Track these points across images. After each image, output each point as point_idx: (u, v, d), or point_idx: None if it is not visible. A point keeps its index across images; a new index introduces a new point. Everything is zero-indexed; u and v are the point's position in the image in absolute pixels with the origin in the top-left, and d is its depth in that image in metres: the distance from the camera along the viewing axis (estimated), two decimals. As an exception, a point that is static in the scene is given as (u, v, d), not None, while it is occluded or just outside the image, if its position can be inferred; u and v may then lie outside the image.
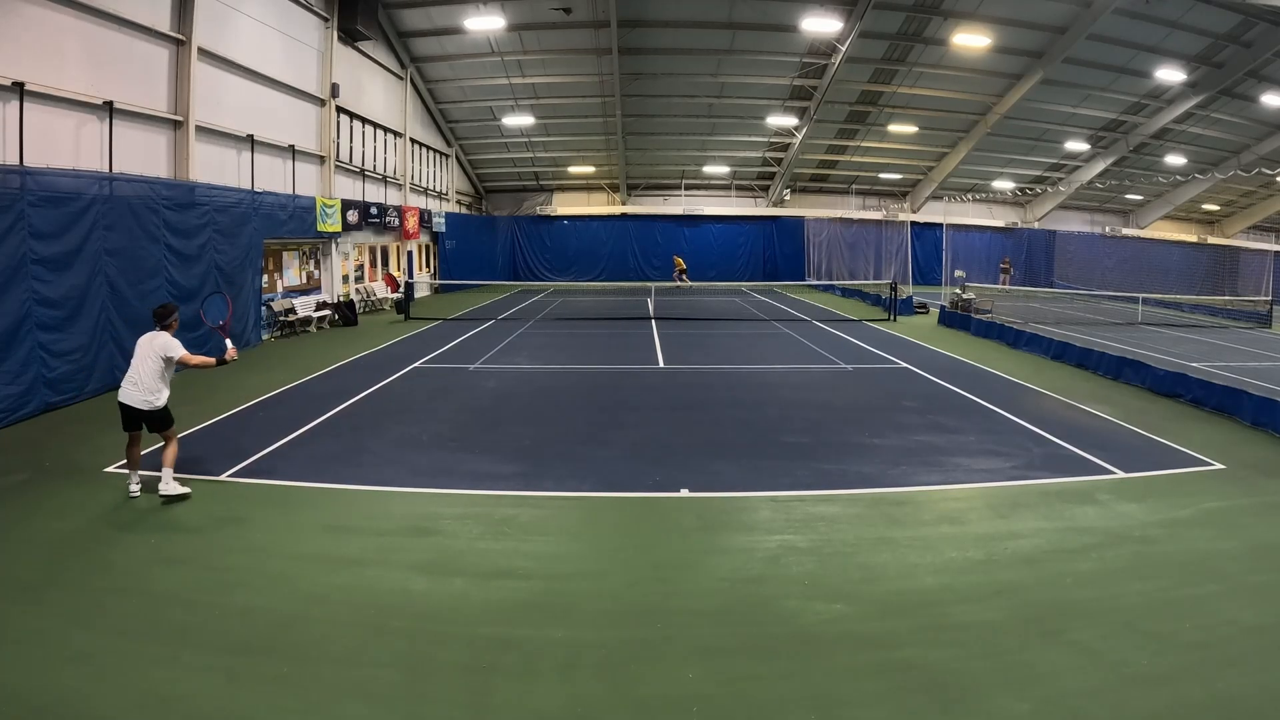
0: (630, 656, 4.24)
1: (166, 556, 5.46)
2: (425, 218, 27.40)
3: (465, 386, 11.75)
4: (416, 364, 13.53)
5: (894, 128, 30.56)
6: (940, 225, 33.47)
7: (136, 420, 6.63)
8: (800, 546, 5.75)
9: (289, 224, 17.32)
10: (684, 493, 6.95)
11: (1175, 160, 32.81)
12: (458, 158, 32.69)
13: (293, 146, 18.24)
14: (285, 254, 18.33)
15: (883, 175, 36.20)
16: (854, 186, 37.15)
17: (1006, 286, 23.46)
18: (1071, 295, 31.77)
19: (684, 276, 33.96)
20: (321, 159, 20.02)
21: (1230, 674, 4.04)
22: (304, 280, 19.24)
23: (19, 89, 10.20)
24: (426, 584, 5.09)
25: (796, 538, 5.92)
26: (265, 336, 16.14)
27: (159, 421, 6.66)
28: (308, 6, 18.76)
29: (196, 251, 13.10)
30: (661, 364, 14.05)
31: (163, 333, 6.77)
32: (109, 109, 11.94)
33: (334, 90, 19.96)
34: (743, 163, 34.64)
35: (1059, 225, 38.84)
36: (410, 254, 27.17)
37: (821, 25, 23.10)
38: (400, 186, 26.13)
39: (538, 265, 36.51)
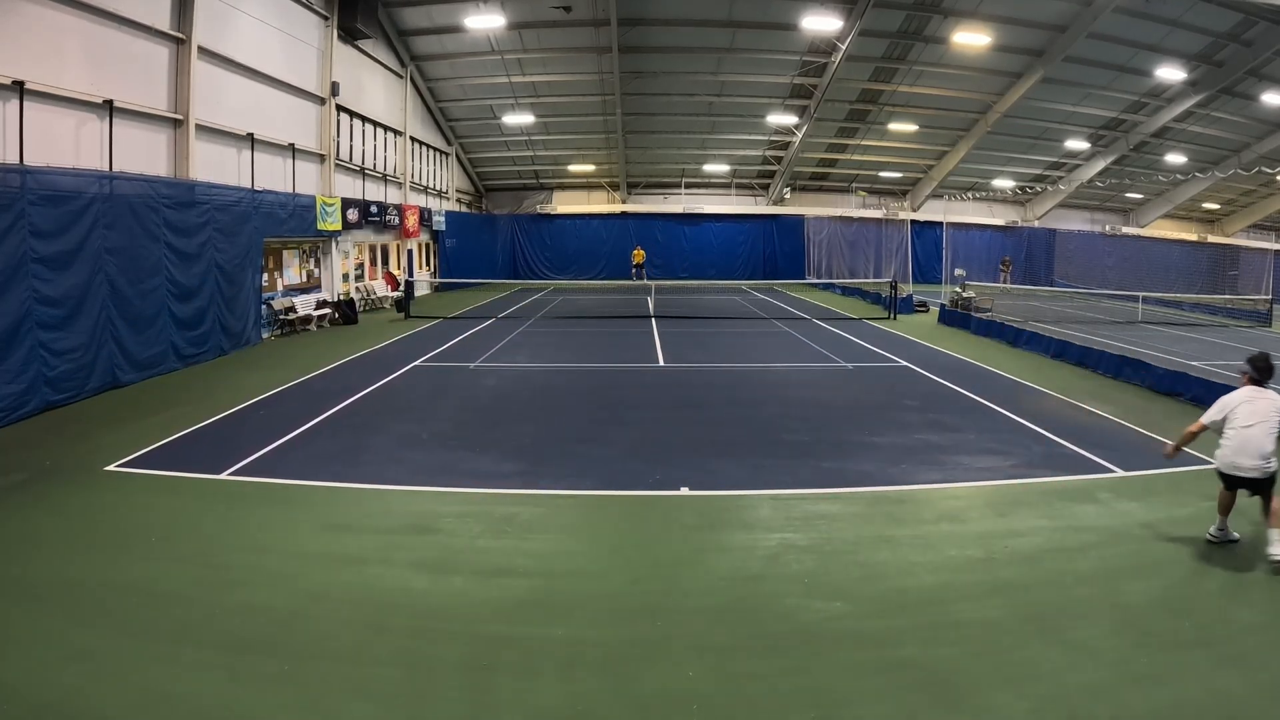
0: (630, 654, 4.25)
1: (167, 555, 5.46)
2: (425, 216, 27.39)
3: (465, 385, 11.76)
4: (417, 362, 13.53)
5: (894, 126, 30.53)
6: (940, 224, 33.42)
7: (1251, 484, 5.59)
8: (800, 544, 5.76)
9: (289, 223, 17.32)
10: (684, 491, 6.95)
11: (1175, 159, 32.79)
12: (458, 156, 32.67)
13: (293, 145, 18.23)
14: (285, 252, 18.32)
15: (883, 174, 36.18)
16: (854, 185, 37.14)
17: (1007, 285, 23.40)
18: (1072, 294, 31.76)
19: (641, 271, 34.05)
20: (321, 157, 20.01)
21: (1229, 673, 4.05)
22: (304, 279, 19.24)
23: (19, 88, 10.19)
24: (427, 582, 5.09)
25: (796, 536, 5.92)
26: (265, 335, 16.15)
27: (1268, 483, 5.63)
28: (308, 5, 18.74)
29: (197, 250, 13.11)
30: (661, 362, 14.05)
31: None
32: (109, 108, 11.94)
33: (334, 89, 19.95)
34: (743, 161, 34.62)
35: (1059, 224, 38.81)
36: (410, 252, 27.16)
37: (822, 24, 23.07)
38: (400, 185, 26.12)
39: (538, 264, 36.48)
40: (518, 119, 29.68)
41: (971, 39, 23.96)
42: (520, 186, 36.82)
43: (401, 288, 22.53)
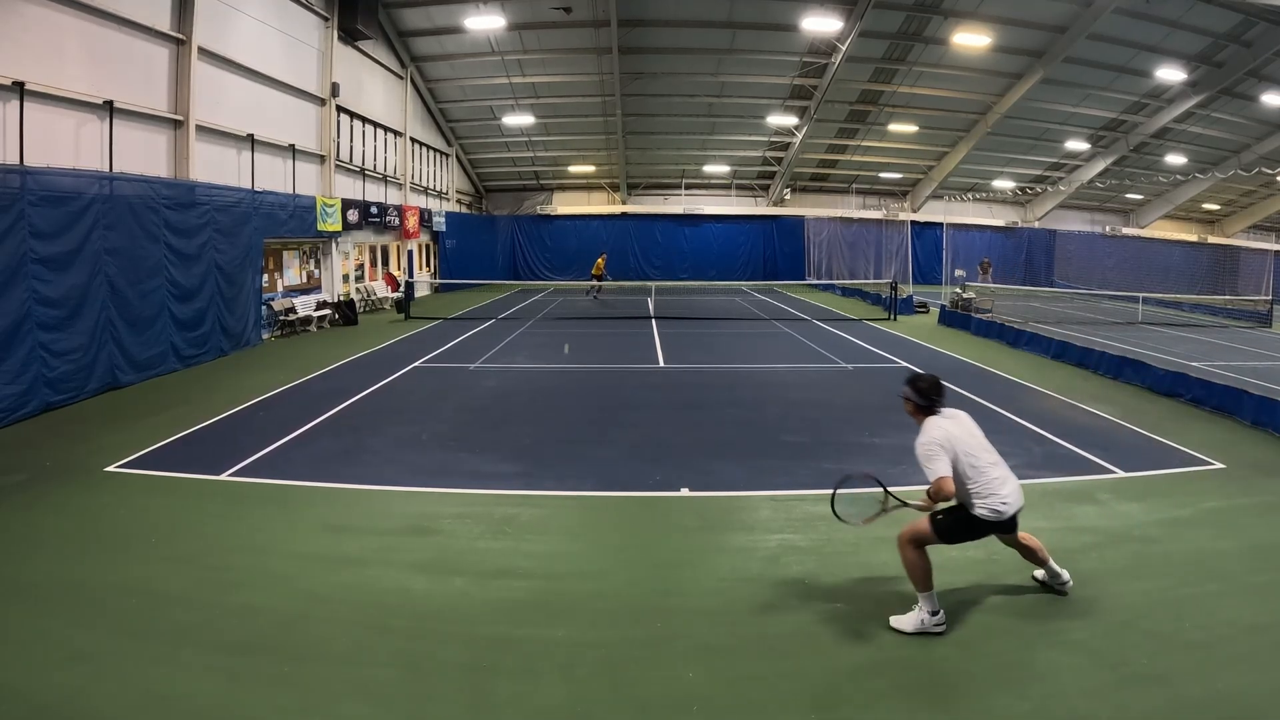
0: (630, 656, 4.25)
1: (167, 556, 5.46)
2: (425, 217, 27.41)
3: (465, 386, 11.75)
4: (416, 363, 13.52)
5: (894, 127, 30.55)
6: (940, 224, 33.46)
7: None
8: (800, 546, 5.76)
9: (289, 223, 17.33)
10: (684, 492, 6.95)
11: (1175, 160, 32.80)
12: (458, 157, 32.69)
13: (293, 146, 18.24)
14: (285, 253, 18.33)
15: (883, 174, 36.19)
16: (854, 186, 37.15)
17: (989, 284, 23.18)
18: (1072, 295, 31.76)
19: (598, 280, 28.07)
20: (322, 158, 20.02)
21: (1230, 673, 4.04)
22: (304, 279, 19.24)
23: (19, 88, 10.20)
24: (427, 583, 5.09)
25: (796, 537, 5.92)
26: (265, 336, 16.15)
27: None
28: (308, 6, 18.75)
29: (197, 251, 13.11)
30: (662, 363, 14.05)
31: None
32: (109, 108, 11.94)
33: (334, 90, 19.96)
34: (743, 162, 34.63)
35: (1059, 225, 38.83)
36: (410, 253, 27.18)
37: (822, 24, 23.10)
38: (400, 186, 26.13)
39: (538, 264, 36.49)
40: (518, 120, 29.69)
41: (971, 40, 23.98)
42: (520, 187, 36.84)
43: (401, 288, 22.54)
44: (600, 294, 28.04)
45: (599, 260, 28.75)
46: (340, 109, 20.84)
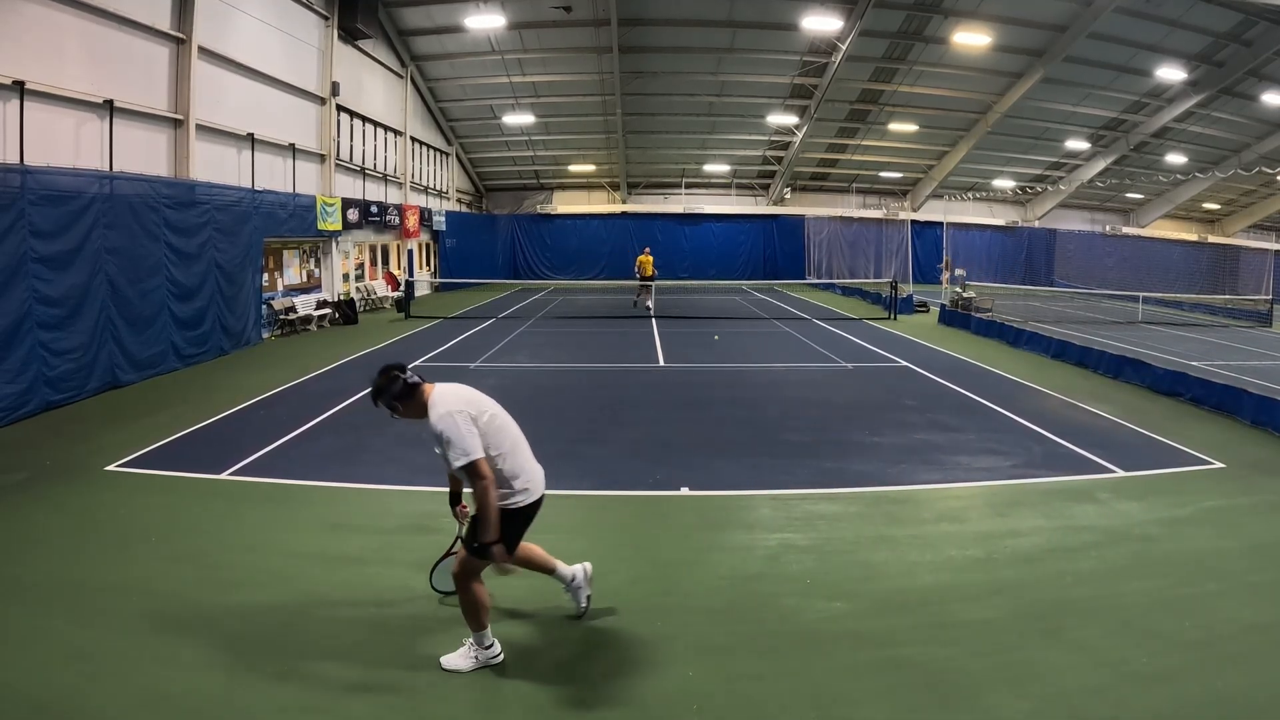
0: (630, 655, 4.24)
1: (166, 555, 5.46)
2: (425, 216, 27.40)
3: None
4: (417, 362, 13.52)
5: (894, 126, 30.54)
6: (940, 224, 33.42)
7: None
8: (800, 545, 5.76)
9: (289, 222, 17.32)
10: (684, 491, 6.94)
11: (1176, 159, 32.78)
12: (458, 156, 32.67)
13: (293, 145, 18.23)
14: (285, 252, 18.32)
15: (883, 174, 36.18)
16: (854, 185, 37.14)
17: (947, 285, 22.97)
18: (1072, 294, 31.74)
19: (646, 291, 23.06)
20: (322, 157, 20.01)
21: (1229, 672, 4.04)
22: (304, 279, 19.23)
23: (19, 87, 10.20)
24: (427, 581, 5.08)
25: (797, 536, 5.92)
26: (265, 335, 16.14)
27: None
28: (308, 5, 18.74)
29: (197, 250, 13.10)
30: (662, 362, 14.05)
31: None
32: (109, 108, 11.94)
33: (334, 89, 19.95)
34: (743, 161, 34.62)
35: (1059, 224, 38.82)
36: (410, 252, 27.16)
37: (822, 24, 23.09)
38: (400, 185, 26.12)
39: (538, 264, 36.48)
40: (518, 119, 29.69)
41: (971, 39, 23.98)
42: (520, 186, 36.82)
43: (402, 288, 22.53)
44: (645, 297, 22.93)
45: (645, 258, 23.41)
46: (340, 108, 20.83)
